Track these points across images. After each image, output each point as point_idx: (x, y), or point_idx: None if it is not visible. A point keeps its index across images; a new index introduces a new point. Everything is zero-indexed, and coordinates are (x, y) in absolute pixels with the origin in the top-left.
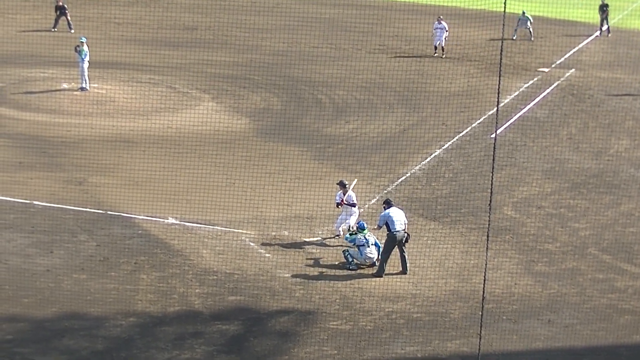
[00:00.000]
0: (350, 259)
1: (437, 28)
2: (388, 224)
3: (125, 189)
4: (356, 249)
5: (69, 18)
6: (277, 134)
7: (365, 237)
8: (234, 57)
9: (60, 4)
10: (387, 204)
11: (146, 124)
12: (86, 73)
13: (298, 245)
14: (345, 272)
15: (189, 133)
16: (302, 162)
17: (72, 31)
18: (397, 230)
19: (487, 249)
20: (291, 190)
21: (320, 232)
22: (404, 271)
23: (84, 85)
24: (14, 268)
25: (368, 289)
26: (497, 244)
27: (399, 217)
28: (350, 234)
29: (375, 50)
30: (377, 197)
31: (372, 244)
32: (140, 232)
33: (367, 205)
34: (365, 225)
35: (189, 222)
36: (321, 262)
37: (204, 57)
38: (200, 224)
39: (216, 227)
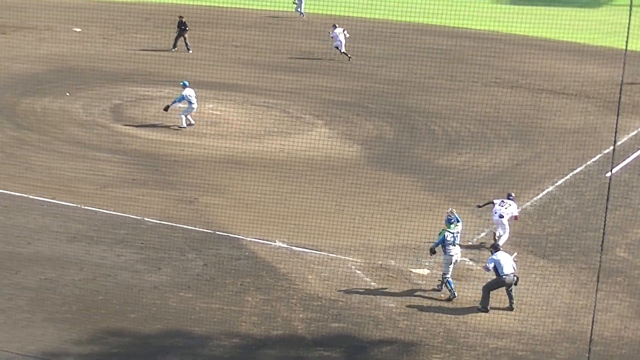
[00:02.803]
0: (446, 279)
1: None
2: (497, 268)
3: (235, 210)
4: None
5: (186, 38)
6: (389, 162)
7: (452, 234)
8: (348, 84)
9: (183, 20)
10: (495, 248)
11: (259, 146)
12: (185, 114)
13: (404, 275)
14: (451, 305)
15: (301, 157)
16: (412, 192)
17: (190, 51)
18: (506, 274)
19: (597, 290)
20: (400, 220)
21: (427, 263)
22: (510, 307)
23: (182, 124)
24: (123, 283)
25: (473, 324)
26: (608, 285)
27: (507, 261)
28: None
29: (491, 83)
30: (487, 231)
31: (457, 244)
32: (247, 253)
33: (475, 239)
34: (455, 213)
35: (296, 246)
36: (427, 294)
37: (319, 83)
38: (308, 248)
39: (323, 252)
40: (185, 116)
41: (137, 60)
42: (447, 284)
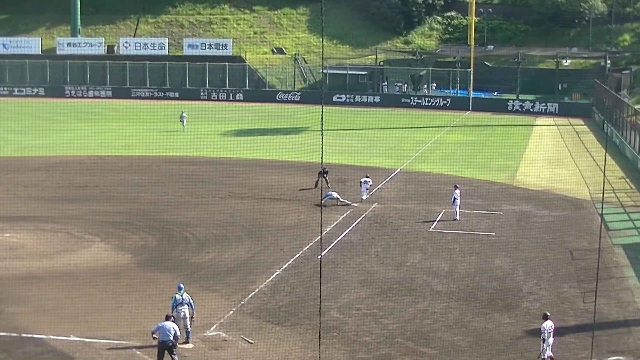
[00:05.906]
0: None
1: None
2: (160, 333)
3: (36, 315)
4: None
5: None
6: (154, 265)
7: (181, 296)
8: (117, 208)
9: None
10: (167, 318)
11: (50, 262)
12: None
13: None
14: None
15: (85, 268)
16: (175, 285)
17: None
18: (164, 340)
19: (319, 344)
20: (167, 308)
21: (189, 340)
22: None
23: None
24: None
25: None
26: (327, 339)
27: (169, 327)
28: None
29: (226, 196)
30: (233, 310)
31: (186, 303)
32: (49, 348)
33: (227, 316)
34: (182, 285)
35: (87, 338)
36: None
37: (94, 208)
38: (97, 339)
39: (109, 340)
40: None
41: None
42: (187, 333)
